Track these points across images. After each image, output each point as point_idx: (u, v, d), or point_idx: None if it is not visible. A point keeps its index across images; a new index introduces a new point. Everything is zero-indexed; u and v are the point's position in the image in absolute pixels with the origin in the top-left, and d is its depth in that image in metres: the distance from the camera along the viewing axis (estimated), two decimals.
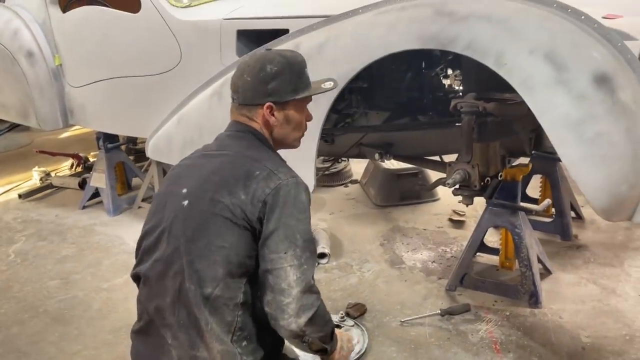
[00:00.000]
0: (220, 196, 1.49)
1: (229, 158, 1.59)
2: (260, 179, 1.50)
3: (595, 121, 1.74)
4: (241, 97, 1.62)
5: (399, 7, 2.09)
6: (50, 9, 3.78)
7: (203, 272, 1.48)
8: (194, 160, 1.69)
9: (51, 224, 4.01)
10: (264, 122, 1.63)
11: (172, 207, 1.57)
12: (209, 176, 1.56)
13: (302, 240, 1.47)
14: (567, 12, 1.87)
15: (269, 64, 1.59)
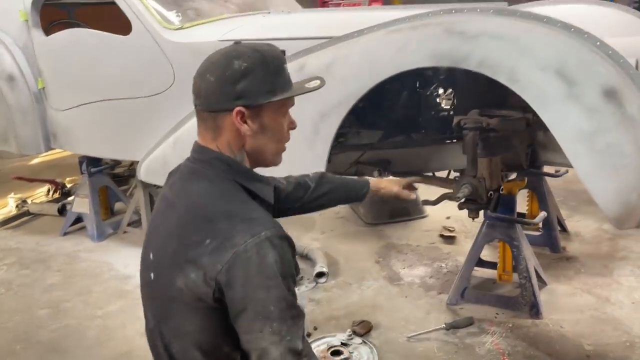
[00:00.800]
0: (174, 275, 1.27)
1: (182, 216, 1.32)
2: (210, 250, 1.22)
3: (606, 133, 1.82)
4: (205, 102, 1.31)
5: (409, 26, 2.15)
6: (32, 32, 3.70)
7: (181, 355, 1.33)
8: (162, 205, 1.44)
9: (32, 252, 3.87)
10: (233, 135, 1.32)
11: (144, 273, 1.42)
12: (166, 241, 1.33)
13: (278, 310, 1.21)
14: (571, 30, 1.97)
15: (237, 59, 1.27)
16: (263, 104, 1.29)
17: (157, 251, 1.36)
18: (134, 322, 2.93)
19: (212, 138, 1.33)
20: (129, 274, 3.46)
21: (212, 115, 1.31)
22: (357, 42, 2.28)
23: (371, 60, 2.19)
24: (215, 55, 1.33)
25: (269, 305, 1.20)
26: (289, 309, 1.23)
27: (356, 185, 1.92)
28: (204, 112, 1.33)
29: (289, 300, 1.23)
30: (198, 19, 3.36)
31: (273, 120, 1.34)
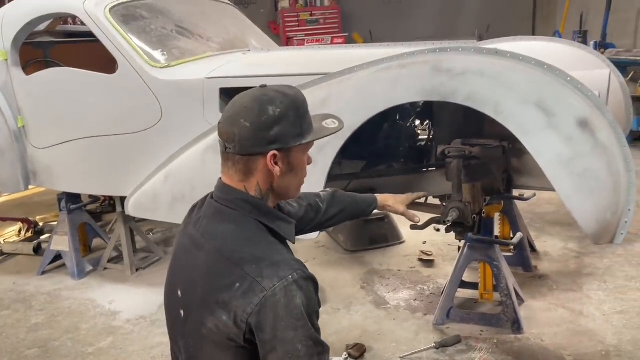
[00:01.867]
0: (205, 316, 1.35)
1: (209, 259, 1.39)
2: (240, 294, 1.29)
3: (583, 158, 2.03)
4: (238, 146, 1.37)
5: (397, 64, 2.33)
6: (12, 71, 3.71)
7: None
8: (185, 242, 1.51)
9: (11, 292, 3.79)
10: (263, 177, 1.41)
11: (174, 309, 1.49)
12: (195, 282, 1.40)
13: (306, 349, 1.29)
14: (545, 67, 2.20)
15: (271, 104, 1.36)
16: (293, 147, 1.39)
17: (186, 289, 1.43)
18: (127, 356, 2.94)
19: (241, 179, 1.42)
20: (115, 310, 3.46)
21: (245, 158, 1.38)
22: (350, 79, 2.45)
23: (365, 96, 2.36)
24: (246, 99, 1.39)
25: (297, 344, 1.28)
26: (315, 346, 1.32)
27: (364, 202, 2.08)
28: (236, 155, 1.39)
29: (314, 338, 1.32)
30: (183, 57, 3.47)
31: (299, 159, 1.44)
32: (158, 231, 4.85)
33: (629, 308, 3.13)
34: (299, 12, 9.13)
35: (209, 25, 4.01)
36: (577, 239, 4.13)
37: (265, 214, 1.43)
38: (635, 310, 3.11)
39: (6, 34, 3.69)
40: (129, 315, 3.38)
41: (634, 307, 3.13)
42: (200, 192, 1.79)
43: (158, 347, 3.01)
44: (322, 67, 2.83)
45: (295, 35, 9.02)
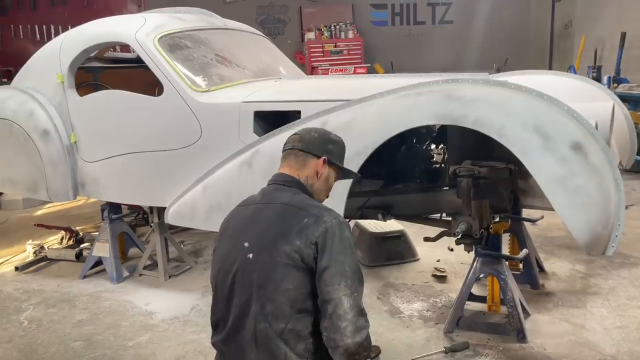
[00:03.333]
0: (280, 245, 1.78)
1: (279, 209, 1.88)
2: (309, 225, 1.79)
3: (575, 177, 2.31)
4: (305, 145, 1.99)
5: (415, 92, 2.66)
6: (67, 93, 4.12)
7: (274, 313, 1.76)
8: (247, 214, 1.95)
9: (56, 293, 4.14)
10: (312, 173, 1.98)
11: (239, 261, 1.84)
12: (266, 228, 1.84)
13: (351, 272, 1.76)
14: (544, 97, 2.50)
15: (332, 134, 2.10)
16: (334, 164, 2.02)
17: (256, 238, 1.85)
18: (163, 350, 3.24)
19: (298, 169, 1.99)
20: (151, 311, 3.77)
21: (306, 155, 1.98)
22: (372, 104, 2.78)
23: (385, 119, 2.68)
24: (316, 127, 2.21)
25: (345, 266, 1.75)
26: (357, 272, 1.79)
27: None
28: (301, 151, 1.99)
29: (357, 266, 1.80)
30: (221, 83, 3.85)
31: (331, 178, 2.05)
32: (189, 243, 5.18)
33: (628, 323, 3.35)
34: (324, 43, 9.58)
35: (245, 55, 4.40)
36: (584, 261, 4.36)
37: (309, 194, 1.98)
38: (634, 325, 3.32)
39: (64, 60, 4.12)
40: (164, 315, 3.69)
41: (633, 323, 3.35)
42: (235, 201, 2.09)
43: (191, 343, 3.30)
44: (346, 94, 3.17)
45: (320, 64, 9.45)
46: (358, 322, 1.74)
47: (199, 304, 3.78)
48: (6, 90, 4.43)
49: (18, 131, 4.18)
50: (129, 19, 4.19)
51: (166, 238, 4.41)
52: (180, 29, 4.04)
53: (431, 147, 3.68)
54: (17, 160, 4.23)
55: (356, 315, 1.74)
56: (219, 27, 4.41)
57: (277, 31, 10.33)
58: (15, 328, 3.61)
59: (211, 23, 4.39)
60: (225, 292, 1.88)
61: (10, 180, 4.35)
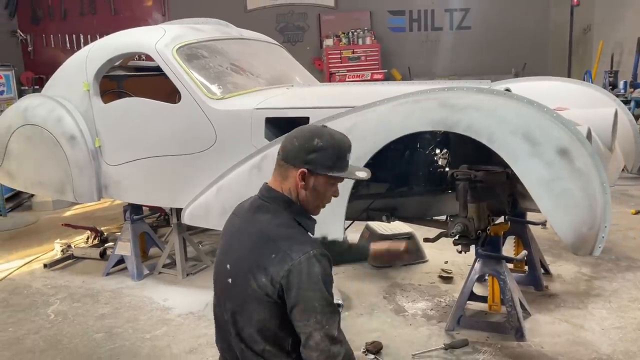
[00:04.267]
0: (250, 277, 1.82)
1: (254, 237, 1.87)
2: (275, 262, 1.77)
3: (561, 181, 2.44)
4: (285, 155, 1.90)
5: (412, 100, 2.82)
6: (93, 100, 4.38)
7: (250, 339, 1.86)
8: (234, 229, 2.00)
9: (81, 289, 4.39)
10: (293, 185, 1.89)
11: (222, 283, 1.95)
12: (242, 255, 1.88)
13: (321, 307, 1.75)
14: (534, 105, 2.63)
15: (318, 137, 1.87)
16: (320, 173, 1.88)
17: (234, 262, 1.91)
18: (178, 343, 3.44)
19: (281, 182, 1.93)
20: (169, 306, 3.99)
21: (286, 166, 1.90)
22: (373, 111, 2.94)
23: (385, 125, 2.84)
24: (305, 129, 1.96)
25: (314, 302, 1.75)
26: (328, 306, 1.78)
27: None
28: (281, 161, 1.92)
29: (327, 300, 1.78)
30: (236, 90, 4.05)
31: (322, 186, 1.91)
32: (206, 243, 5.40)
33: (627, 324, 3.43)
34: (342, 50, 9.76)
35: (259, 63, 4.61)
36: (591, 264, 4.43)
37: (294, 210, 1.93)
38: (632, 326, 3.40)
39: (90, 69, 4.39)
40: (180, 311, 3.90)
41: (632, 324, 3.42)
42: None
43: (204, 336, 3.50)
44: (352, 101, 3.34)
45: (338, 70, 9.63)
46: (332, 349, 1.76)
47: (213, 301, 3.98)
48: (36, 98, 4.72)
49: (47, 136, 4.45)
50: (149, 31, 4.43)
51: (184, 238, 4.62)
52: (198, 39, 4.26)
53: (435, 152, 3.82)
54: (46, 164, 4.50)
55: (329, 345, 1.76)
56: (235, 37, 4.63)
57: (297, 38, 10.55)
58: (42, 320, 3.86)
59: (227, 33, 4.61)
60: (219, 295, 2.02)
61: (39, 182, 4.63)
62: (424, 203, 3.65)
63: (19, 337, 3.63)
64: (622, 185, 6.77)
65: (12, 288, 4.48)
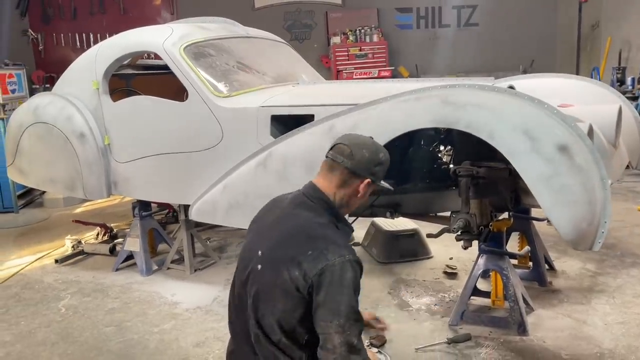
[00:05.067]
0: (282, 269, 1.85)
1: (292, 230, 1.93)
2: (310, 259, 1.81)
3: (560, 177, 2.46)
4: (354, 165, 1.96)
5: (414, 97, 2.85)
6: (102, 98, 4.45)
7: (269, 327, 1.90)
8: (271, 219, 2.04)
9: (91, 284, 4.47)
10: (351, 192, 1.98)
11: (251, 267, 1.98)
12: (277, 245, 1.92)
13: (346, 312, 1.77)
14: (535, 102, 2.65)
15: (382, 152, 2.04)
16: (377, 184, 2.03)
17: (268, 251, 1.95)
18: (185, 337, 3.51)
19: (337, 186, 1.99)
20: (177, 301, 4.06)
21: (350, 174, 1.97)
22: (375, 108, 2.99)
23: (387, 122, 2.88)
24: (368, 140, 2.07)
25: (340, 306, 1.78)
26: (353, 313, 1.81)
27: None
28: (345, 168, 1.97)
29: (354, 307, 1.81)
30: (242, 88, 4.10)
31: (368, 194, 2.05)
32: (214, 240, 5.46)
33: (630, 320, 3.45)
34: (349, 47, 9.78)
35: (265, 61, 4.66)
36: (596, 261, 4.44)
37: (335, 214, 2.01)
38: (635, 322, 3.42)
39: (99, 68, 4.46)
40: (188, 305, 3.97)
41: (635, 320, 3.45)
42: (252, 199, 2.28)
43: (211, 330, 3.57)
44: (355, 98, 3.38)
45: (345, 68, 9.65)
46: (350, 357, 1.78)
47: (220, 295, 4.05)
48: (47, 97, 4.81)
49: (58, 134, 4.53)
50: (157, 30, 4.50)
51: (192, 234, 4.69)
52: (205, 38, 4.32)
53: (439, 149, 3.85)
54: (57, 161, 4.59)
55: (347, 352, 1.78)
56: (241, 36, 4.68)
57: (304, 36, 10.59)
58: (53, 314, 3.95)
59: (234, 32, 4.67)
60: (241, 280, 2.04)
61: (51, 179, 4.71)
62: (427, 199, 3.69)
63: (31, 330, 3.72)
64: (629, 182, 6.76)
65: (24, 283, 4.57)
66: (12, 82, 7.19)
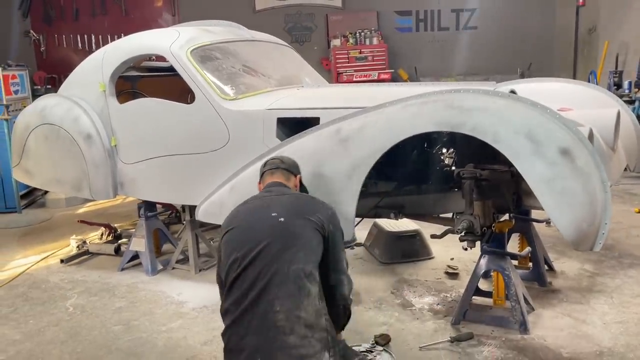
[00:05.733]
0: (308, 214, 2.52)
1: (294, 197, 2.73)
2: (321, 207, 2.62)
3: (562, 179, 2.55)
4: (287, 165, 2.91)
5: (420, 101, 2.93)
6: (109, 100, 4.51)
7: (305, 258, 2.40)
8: (259, 202, 2.70)
9: (97, 283, 4.53)
10: (292, 185, 2.87)
11: (268, 225, 2.49)
12: (290, 204, 2.60)
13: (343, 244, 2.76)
14: (537, 106, 2.73)
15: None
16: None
17: (283, 209, 2.54)
18: (193, 335, 3.57)
19: (285, 181, 2.86)
20: (183, 300, 4.12)
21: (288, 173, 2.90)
22: (382, 112, 3.06)
23: (393, 126, 2.96)
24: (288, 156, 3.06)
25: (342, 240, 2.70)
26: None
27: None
28: (285, 169, 2.90)
29: None
30: (248, 91, 4.18)
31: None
32: (217, 240, 5.50)
33: (628, 319, 3.53)
34: (349, 50, 9.86)
35: (270, 65, 4.74)
36: (594, 261, 4.53)
37: None
38: (634, 321, 3.50)
39: (106, 70, 4.52)
40: (194, 304, 4.03)
41: (633, 319, 3.53)
42: None
43: (218, 329, 3.55)
44: (361, 102, 3.46)
45: (345, 70, 9.73)
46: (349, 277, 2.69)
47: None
48: (54, 98, 4.86)
49: (64, 135, 4.58)
50: (164, 33, 4.56)
51: (197, 234, 4.75)
52: (211, 41, 4.39)
53: (442, 151, 3.93)
54: (64, 162, 4.64)
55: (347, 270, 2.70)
56: (246, 39, 4.75)
57: (305, 38, 10.66)
58: (61, 313, 4.00)
59: (239, 35, 4.74)
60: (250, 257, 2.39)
61: (57, 180, 4.77)
62: (431, 201, 3.77)
63: (40, 328, 3.78)
64: (626, 184, 6.86)
65: (30, 282, 4.62)
66: (15, 83, 7.23)
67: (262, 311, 2.29)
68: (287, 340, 2.24)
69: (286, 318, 2.25)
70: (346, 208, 3.10)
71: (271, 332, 2.26)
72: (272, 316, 2.26)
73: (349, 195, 3.13)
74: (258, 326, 2.28)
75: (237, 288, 2.39)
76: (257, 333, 2.27)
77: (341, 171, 3.10)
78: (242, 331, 2.32)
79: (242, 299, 2.34)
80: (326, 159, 3.23)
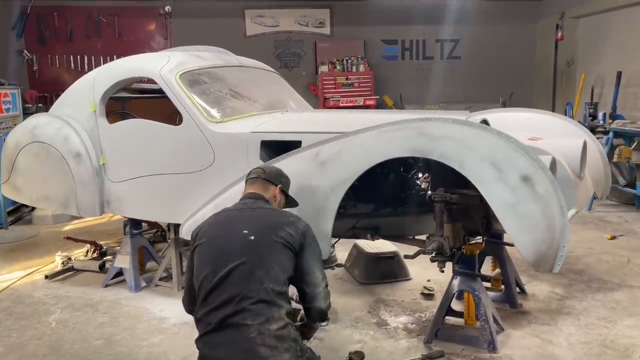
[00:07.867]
0: (277, 231, 2.62)
1: (265, 211, 2.82)
2: (290, 223, 2.69)
3: (524, 204, 2.73)
4: (267, 175, 3.00)
5: (394, 128, 3.12)
6: (99, 120, 4.66)
7: (275, 277, 2.54)
8: (231, 215, 2.83)
9: (81, 299, 4.61)
10: (271, 195, 2.95)
11: (238, 243, 2.60)
12: (260, 220, 2.72)
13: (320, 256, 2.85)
14: (502, 136, 2.93)
15: (283, 171, 3.15)
16: (283, 192, 3.06)
17: (252, 227, 2.65)
18: (174, 350, 3.67)
19: (262, 191, 2.96)
20: (165, 316, 4.22)
21: (267, 183, 2.99)
22: (358, 137, 3.24)
23: (369, 150, 3.14)
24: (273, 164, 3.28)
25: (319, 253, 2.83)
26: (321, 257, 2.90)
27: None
28: (264, 179, 2.99)
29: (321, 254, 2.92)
30: (233, 114, 4.35)
31: (281, 201, 3.06)
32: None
33: (592, 340, 3.69)
34: (336, 76, 10.14)
35: (256, 90, 4.92)
36: (564, 285, 4.70)
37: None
38: (597, 342, 3.66)
39: (97, 91, 4.68)
40: (175, 320, 4.13)
41: (597, 340, 3.69)
42: None
43: None
44: (339, 127, 3.64)
45: (332, 96, 9.99)
46: (326, 290, 2.77)
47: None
48: (45, 117, 5.00)
49: (54, 153, 4.71)
50: (154, 57, 4.74)
51: (181, 252, 4.86)
52: (199, 66, 4.57)
53: (418, 176, 4.11)
54: (52, 179, 4.76)
55: (325, 286, 2.78)
56: (234, 65, 4.94)
57: (293, 64, 10.93)
58: (44, 327, 4.08)
59: (227, 61, 4.93)
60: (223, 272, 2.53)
61: (45, 197, 4.88)
62: (406, 223, 3.94)
63: (23, 342, 3.85)
64: (600, 212, 7.09)
65: (15, 297, 4.69)
66: (7, 101, 7.36)
67: (234, 325, 2.46)
68: (259, 351, 2.40)
69: (258, 331, 2.43)
70: (324, 226, 3.25)
71: (243, 344, 2.42)
72: (245, 329, 2.43)
73: (327, 214, 3.29)
74: (230, 339, 2.43)
75: (209, 302, 2.55)
76: (230, 344, 2.42)
77: (319, 191, 3.26)
78: (216, 342, 2.47)
79: (215, 312, 2.50)
80: (306, 180, 3.39)
